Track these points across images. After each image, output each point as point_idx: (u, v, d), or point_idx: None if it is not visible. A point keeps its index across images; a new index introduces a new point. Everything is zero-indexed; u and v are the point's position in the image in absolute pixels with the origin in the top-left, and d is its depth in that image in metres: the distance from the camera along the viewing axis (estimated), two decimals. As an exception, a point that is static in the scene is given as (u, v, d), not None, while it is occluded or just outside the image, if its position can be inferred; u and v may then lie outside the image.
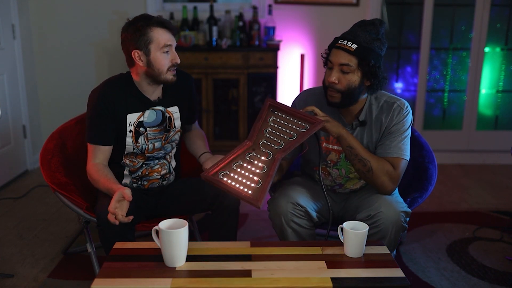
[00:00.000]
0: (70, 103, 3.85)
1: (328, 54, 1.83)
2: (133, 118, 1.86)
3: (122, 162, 1.93)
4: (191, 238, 1.57)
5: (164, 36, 1.79)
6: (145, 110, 1.88)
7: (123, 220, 1.61)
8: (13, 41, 3.48)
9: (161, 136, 1.93)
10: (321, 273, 1.41)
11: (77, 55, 3.84)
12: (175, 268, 1.43)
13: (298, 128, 1.65)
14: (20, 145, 3.58)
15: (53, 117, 3.84)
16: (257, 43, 3.64)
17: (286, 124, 1.68)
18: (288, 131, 1.65)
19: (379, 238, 1.72)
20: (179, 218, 1.48)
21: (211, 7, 3.62)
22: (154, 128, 1.91)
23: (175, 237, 1.40)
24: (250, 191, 1.53)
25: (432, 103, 4.14)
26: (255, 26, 3.65)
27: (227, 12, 3.70)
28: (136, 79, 1.87)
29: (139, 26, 1.78)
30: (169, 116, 1.94)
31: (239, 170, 1.60)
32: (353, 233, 1.49)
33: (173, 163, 2.04)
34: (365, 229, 1.51)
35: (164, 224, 1.45)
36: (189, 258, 1.47)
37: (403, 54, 4.06)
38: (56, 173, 1.98)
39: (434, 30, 3.94)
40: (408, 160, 1.82)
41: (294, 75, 3.88)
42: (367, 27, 1.76)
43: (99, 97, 1.84)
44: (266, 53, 3.57)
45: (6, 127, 3.39)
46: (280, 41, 3.68)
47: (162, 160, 1.98)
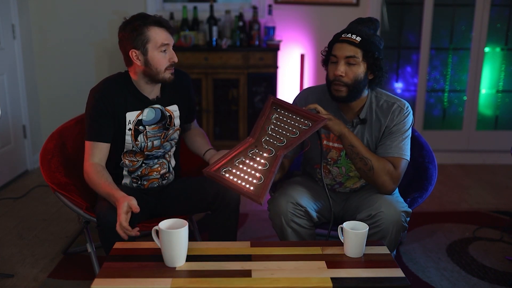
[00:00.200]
0: (70, 103, 3.85)
1: (328, 51, 1.84)
2: (132, 117, 1.87)
3: (121, 163, 1.93)
4: (191, 238, 1.57)
5: (161, 35, 1.79)
6: (144, 109, 1.88)
7: (132, 234, 1.59)
8: (13, 41, 3.48)
9: (160, 134, 1.93)
10: (321, 273, 1.41)
11: (77, 55, 3.84)
12: (175, 268, 1.43)
13: (300, 126, 1.65)
14: (20, 145, 3.58)
15: (53, 117, 3.84)
16: (257, 43, 3.64)
17: (288, 121, 1.68)
18: (290, 129, 1.65)
19: (379, 238, 1.72)
20: (179, 218, 1.48)
21: (211, 7, 3.62)
22: (153, 126, 1.91)
23: (175, 237, 1.40)
24: (252, 187, 1.53)
25: (432, 103, 4.14)
26: (255, 26, 3.65)
27: (227, 12, 3.70)
28: (134, 78, 1.88)
29: (136, 25, 1.78)
30: (169, 114, 1.94)
31: (241, 166, 1.60)
32: (353, 233, 1.49)
33: (173, 162, 2.04)
34: (365, 229, 1.51)
35: (164, 224, 1.45)
36: (189, 258, 1.47)
37: (403, 54, 4.06)
38: (56, 173, 1.98)
39: (434, 30, 3.94)
40: (408, 160, 1.82)
41: (294, 75, 3.88)
42: (366, 23, 1.81)
43: (98, 96, 1.84)
44: (266, 53, 3.57)
45: (6, 127, 3.39)
46: (280, 41, 3.68)
47: (161, 159, 1.98)
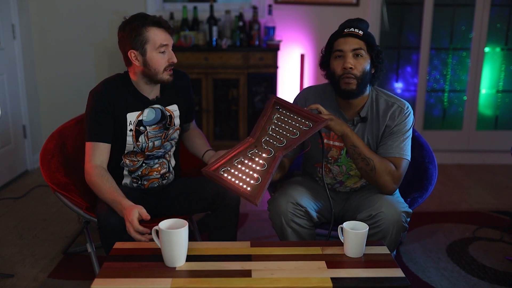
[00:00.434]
0: (70, 103, 3.85)
1: (329, 49, 1.85)
2: (132, 117, 1.87)
3: (121, 163, 1.93)
4: (191, 238, 1.56)
5: (160, 36, 1.79)
6: (144, 109, 1.88)
7: (148, 238, 1.59)
8: (13, 41, 3.48)
9: (161, 134, 1.93)
10: (321, 273, 1.41)
11: (77, 55, 3.84)
12: (175, 268, 1.43)
13: (301, 126, 1.65)
14: (20, 145, 3.58)
15: (53, 117, 3.84)
16: (257, 43, 3.64)
17: (289, 121, 1.67)
18: (291, 129, 1.65)
19: (379, 238, 1.72)
20: (179, 218, 1.48)
21: (211, 7, 3.62)
22: (153, 126, 1.91)
23: (175, 237, 1.40)
24: (249, 188, 1.53)
25: (432, 103, 4.14)
26: (255, 26, 3.65)
27: (227, 12, 3.70)
28: (134, 78, 1.88)
29: (135, 25, 1.78)
30: (169, 114, 1.94)
31: (239, 166, 1.60)
32: (353, 233, 1.49)
33: (173, 162, 2.04)
34: (365, 229, 1.51)
35: (164, 224, 1.45)
36: (189, 258, 1.47)
37: (403, 54, 4.06)
38: (56, 173, 1.98)
39: (434, 30, 3.94)
40: (409, 160, 1.83)
41: (294, 75, 3.88)
42: (360, 22, 1.83)
43: (98, 97, 1.84)
44: (266, 53, 3.57)
45: (6, 127, 3.39)
46: (280, 41, 3.68)
47: (161, 159, 1.98)
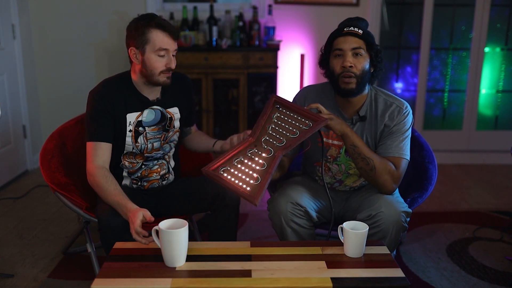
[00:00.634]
0: (70, 103, 3.85)
1: (328, 48, 1.85)
2: (132, 118, 1.87)
3: (121, 164, 1.93)
4: (191, 238, 1.56)
5: (161, 40, 1.78)
6: (144, 110, 1.88)
7: (149, 240, 1.57)
8: (13, 41, 3.48)
9: (160, 136, 1.93)
10: (321, 273, 1.41)
11: (77, 55, 3.84)
12: (175, 268, 1.43)
13: (301, 126, 1.64)
14: (20, 145, 3.58)
15: (53, 117, 3.84)
16: (257, 43, 3.64)
17: (289, 121, 1.67)
18: (291, 128, 1.65)
19: (379, 238, 1.72)
20: (179, 218, 1.48)
21: (211, 7, 3.62)
22: (152, 127, 1.91)
23: (175, 237, 1.40)
24: (249, 188, 1.53)
25: (432, 103, 4.14)
26: (255, 26, 3.65)
27: (227, 12, 3.70)
28: (134, 77, 1.88)
29: (139, 24, 1.79)
30: (170, 116, 1.94)
31: (239, 166, 1.60)
32: (353, 233, 1.49)
33: (172, 163, 2.04)
34: (365, 229, 1.51)
35: (164, 224, 1.45)
36: (189, 258, 1.47)
37: (403, 54, 4.06)
38: (56, 173, 1.98)
39: (434, 30, 3.94)
40: (408, 160, 1.83)
41: (294, 75, 3.88)
42: (359, 21, 1.84)
43: (98, 97, 1.84)
44: (266, 53, 3.57)
45: (6, 127, 3.39)
46: (280, 41, 3.68)
47: (161, 160, 1.98)
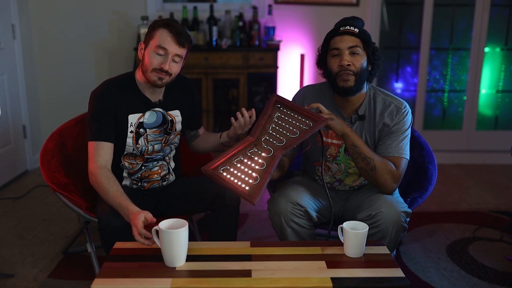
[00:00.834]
0: (70, 103, 3.85)
1: (325, 47, 1.85)
2: (134, 119, 1.86)
3: (121, 165, 1.93)
4: (191, 238, 1.56)
5: (163, 38, 1.78)
6: (146, 111, 1.88)
7: (151, 242, 1.56)
8: (13, 41, 3.48)
9: (161, 138, 1.93)
10: (321, 273, 1.41)
11: (77, 55, 3.84)
12: (175, 268, 1.43)
13: (301, 126, 1.65)
14: (20, 145, 3.58)
15: (53, 117, 3.84)
16: (257, 43, 3.64)
17: (290, 120, 1.68)
18: (291, 128, 1.65)
19: (379, 238, 1.72)
20: (179, 218, 1.48)
21: (211, 7, 3.62)
22: (154, 130, 1.90)
23: (175, 237, 1.40)
24: (248, 187, 1.54)
25: (432, 103, 4.14)
26: (255, 26, 3.65)
27: (227, 12, 3.70)
28: (138, 77, 1.88)
29: (154, 23, 1.83)
30: (171, 119, 1.94)
31: (239, 165, 1.60)
32: (353, 233, 1.49)
33: (172, 164, 2.04)
34: (365, 229, 1.51)
35: (164, 224, 1.45)
36: (189, 258, 1.47)
37: (403, 54, 4.06)
38: (56, 173, 1.98)
39: (434, 30, 3.94)
40: (408, 159, 1.83)
41: (294, 75, 3.88)
42: (355, 20, 1.84)
43: (100, 97, 1.84)
44: (266, 53, 3.57)
45: (6, 127, 3.39)
46: (280, 41, 3.68)
47: (161, 161, 1.98)
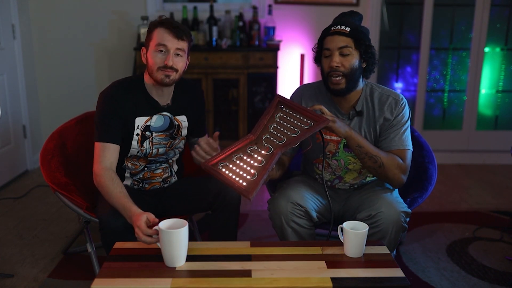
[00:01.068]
0: (70, 103, 3.86)
1: (320, 47, 1.86)
2: (141, 122, 1.86)
3: (123, 165, 1.93)
4: (191, 238, 1.56)
5: (161, 36, 1.78)
6: (153, 115, 1.88)
7: (155, 239, 1.55)
8: (13, 41, 3.48)
9: (166, 143, 1.93)
10: (321, 273, 1.41)
11: (77, 55, 3.84)
12: (175, 268, 1.43)
13: (302, 125, 1.66)
14: (20, 145, 3.58)
15: (53, 117, 3.84)
16: (257, 43, 3.64)
17: (291, 120, 1.69)
18: (292, 128, 1.66)
19: (379, 238, 1.72)
20: (179, 218, 1.48)
21: (211, 7, 3.62)
22: (160, 133, 1.90)
23: (175, 237, 1.40)
24: (245, 183, 1.54)
25: (432, 103, 4.14)
26: (255, 26, 3.65)
27: (227, 12, 3.70)
28: (146, 79, 1.87)
29: (150, 25, 1.83)
30: (177, 124, 1.94)
31: (238, 162, 1.62)
32: (353, 233, 1.49)
33: (175, 167, 2.03)
34: (365, 229, 1.51)
35: (164, 224, 1.45)
36: (189, 258, 1.47)
37: (403, 54, 4.06)
38: (56, 173, 1.98)
39: (434, 30, 3.94)
40: (412, 150, 1.86)
41: (294, 75, 3.88)
42: (351, 16, 1.85)
43: (108, 99, 1.82)
44: (266, 53, 3.57)
45: (6, 127, 3.39)
46: (280, 41, 3.68)
47: (164, 164, 1.98)
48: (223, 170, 1.60)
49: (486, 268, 2.31)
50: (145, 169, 1.94)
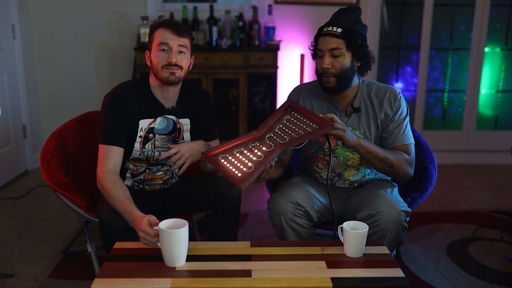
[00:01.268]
0: (70, 103, 3.86)
1: (315, 45, 1.88)
2: (144, 124, 1.85)
3: (125, 166, 1.92)
4: (191, 238, 1.56)
5: (162, 35, 1.78)
6: (157, 117, 1.87)
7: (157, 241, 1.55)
8: (13, 41, 3.48)
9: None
10: (321, 273, 1.41)
11: (77, 55, 3.84)
12: (175, 268, 1.43)
13: (307, 128, 1.68)
14: (20, 145, 3.58)
15: (53, 117, 3.84)
16: (257, 43, 3.64)
17: (298, 123, 1.72)
18: (297, 130, 1.69)
19: (379, 238, 1.73)
20: (179, 218, 1.48)
21: (211, 7, 3.62)
22: (163, 136, 1.89)
23: (175, 237, 1.40)
24: (240, 174, 1.56)
25: (432, 103, 4.14)
26: (255, 26, 3.65)
27: (227, 12, 3.70)
28: (151, 81, 1.87)
29: (151, 28, 1.84)
30: (179, 127, 1.94)
31: (238, 155, 1.64)
32: (353, 233, 1.49)
33: (176, 169, 2.03)
34: (365, 229, 1.51)
35: (164, 224, 1.45)
36: (189, 258, 1.47)
37: (403, 54, 4.06)
38: (56, 173, 1.98)
39: (434, 30, 3.94)
40: (414, 142, 1.91)
41: (294, 75, 3.88)
42: (347, 13, 1.85)
43: (113, 101, 1.82)
44: (266, 53, 3.57)
45: (6, 127, 3.39)
46: (280, 41, 3.68)
47: (165, 166, 1.98)
48: (222, 160, 1.62)
49: (486, 268, 2.31)
50: (147, 170, 1.94)
